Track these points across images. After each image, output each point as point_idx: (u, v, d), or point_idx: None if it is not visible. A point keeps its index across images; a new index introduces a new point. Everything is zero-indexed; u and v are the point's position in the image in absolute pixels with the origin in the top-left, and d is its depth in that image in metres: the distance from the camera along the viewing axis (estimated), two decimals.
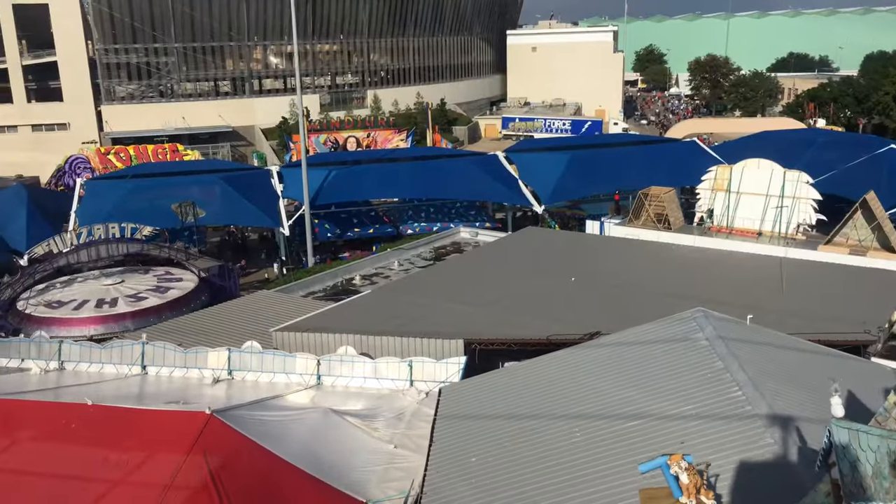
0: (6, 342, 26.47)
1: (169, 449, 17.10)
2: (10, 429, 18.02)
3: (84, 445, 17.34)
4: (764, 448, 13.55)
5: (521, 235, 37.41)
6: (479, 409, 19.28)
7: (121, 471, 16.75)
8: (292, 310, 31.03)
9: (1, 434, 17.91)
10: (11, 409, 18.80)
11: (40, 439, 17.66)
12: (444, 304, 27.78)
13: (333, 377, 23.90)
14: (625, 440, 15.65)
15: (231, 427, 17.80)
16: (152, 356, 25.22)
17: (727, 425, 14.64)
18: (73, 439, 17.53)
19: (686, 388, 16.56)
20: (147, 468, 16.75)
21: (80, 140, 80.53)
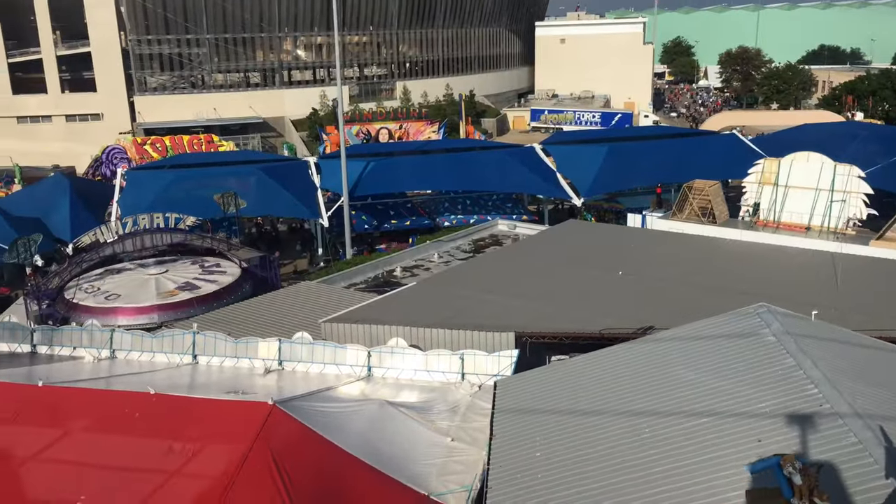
0: (59, 330, 26.70)
1: (233, 439, 17.11)
2: (73, 416, 18.11)
3: (148, 435, 17.38)
4: (848, 448, 13.25)
5: (563, 228, 37.12)
6: (538, 403, 19.09)
7: (186, 461, 16.78)
8: (336, 301, 31.06)
9: (65, 422, 18.02)
10: (75, 397, 18.90)
11: (104, 428, 17.72)
12: (491, 297, 27.61)
13: (384, 369, 23.85)
14: (696, 438, 15.39)
15: (293, 418, 17.81)
16: (203, 346, 25.31)
17: (806, 424, 14.34)
18: (137, 428, 17.58)
19: (757, 386, 16.25)
20: (212, 458, 16.76)
21: (114, 131, 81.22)
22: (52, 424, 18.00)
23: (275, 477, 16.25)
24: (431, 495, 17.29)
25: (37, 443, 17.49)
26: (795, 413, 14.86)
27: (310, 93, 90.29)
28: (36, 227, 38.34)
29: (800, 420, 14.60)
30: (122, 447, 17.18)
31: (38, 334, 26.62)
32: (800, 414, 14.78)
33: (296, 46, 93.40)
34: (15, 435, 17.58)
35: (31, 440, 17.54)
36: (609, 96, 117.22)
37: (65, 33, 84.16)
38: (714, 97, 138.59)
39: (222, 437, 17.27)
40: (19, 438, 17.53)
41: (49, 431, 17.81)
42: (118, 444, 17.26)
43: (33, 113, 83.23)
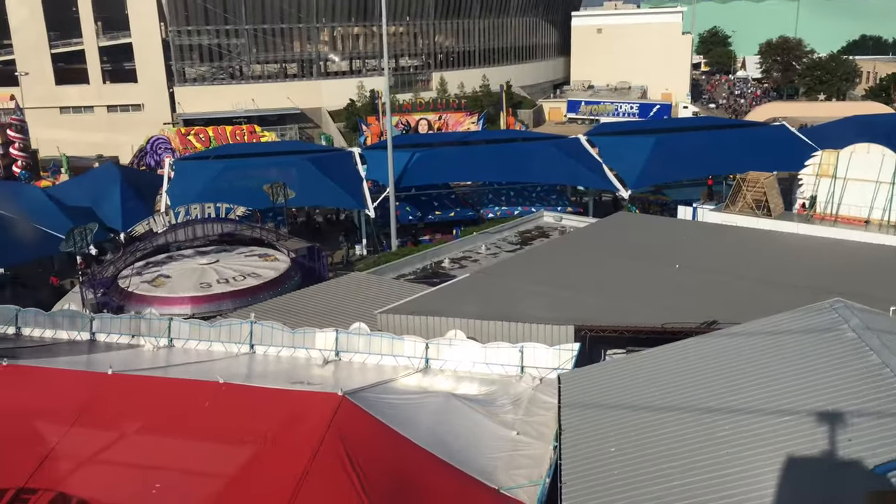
0: (117, 318, 26.92)
1: (304, 430, 17.09)
2: (144, 404, 18.21)
3: (219, 424, 17.42)
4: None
5: (613, 221, 36.68)
6: (606, 398, 18.82)
7: (257, 451, 16.78)
8: (387, 292, 31.00)
9: (136, 409, 18.12)
10: (144, 385, 19.02)
11: (175, 416, 17.78)
12: (546, 289, 27.34)
13: (441, 361, 23.71)
14: (779, 437, 15.03)
15: (363, 409, 17.74)
16: (260, 335, 25.38)
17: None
18: (208, 418, 17.64)
19: (840, 383, 15.82)
20: (283, 449, 16.74)
21: (154, 121, 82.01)
22: (124, 412, 18.12)
23: (348, 469, 16.18)
24: (501, 489, 17.12)
25: (110, 430, 17.62)
26: (885, 412, 14.44)
27: (347, 84, 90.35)
28: (87, 216, 38.74)
29: (891, 419, 14.19)
30: (193, 436, 17.24)
31: (97, 322, 26.88)
32: (890, 413, 14.36)
33: (333, 37, 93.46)
34: (89, 422, 17.72)
35: (104, 428, 17.68)
36: (646, 87, 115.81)
37: (106, 24, 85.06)
38: (752, 88, 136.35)
39: (293, 427, 17.25)
40: (93, 426, 17.66)
41: (121, 419, 17.93)
42: (190, 433, 17.32)
43: (76, 103, 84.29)
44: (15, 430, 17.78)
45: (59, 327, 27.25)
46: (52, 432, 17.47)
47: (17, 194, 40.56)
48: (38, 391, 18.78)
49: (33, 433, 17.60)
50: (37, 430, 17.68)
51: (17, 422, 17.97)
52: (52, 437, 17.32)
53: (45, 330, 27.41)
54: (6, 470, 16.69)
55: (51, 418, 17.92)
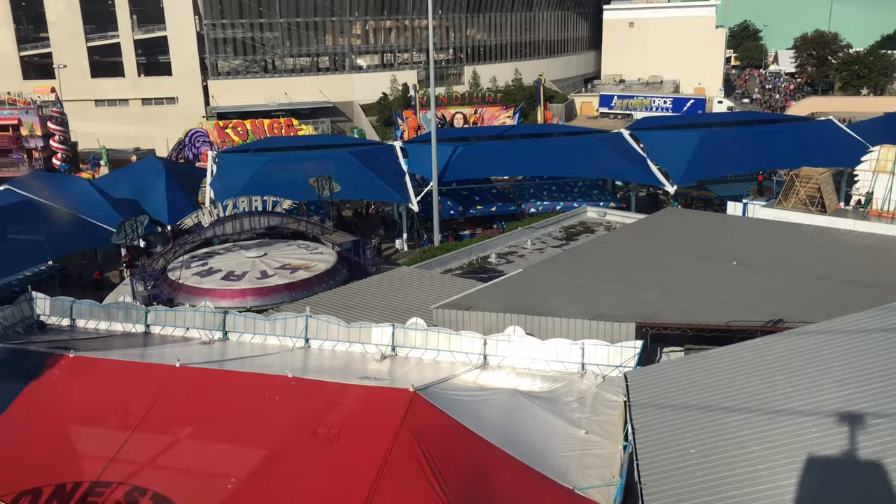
0: (172, 311, 26.92)
1: (377, 426, 16.89)
2: (215, 397, 18.12)
3: (291, 418, 17.27)
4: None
5: (662, 216, 36.17)
6: (679, 398, 18.43)
7: (330, 445, 16.61)
8: (438, 287, 30.76)
9: (208, 402, 18.02)
10: (212, 377, 18.92)
11: (247, 409, 17.66)
12: (602, 285, 26.94)
13: (500, 357, 23.43)
14: (874, 440, 14.62)
15: (435, 406, 17.51)
16: (315, 329, 25.25)
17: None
18: (280, 411, 17.50)
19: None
20: (357, 444, 16.56)
21: (188, 114, 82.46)
22: (195, 405, 18.02)
23: (424, 466, 15.98)
24: (576, 489, 16.83)
25: (182, 423, 17.54)
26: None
27: (379, 77, 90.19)
28: (133, 209, 38.89)
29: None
30: (265, 430, 17.10)
31: (152, 314, 26.91)
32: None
33: (366, 31, 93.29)
34: (160, 415, 17.65)
35: (176, 421, 17.59)
36: (678, 81, 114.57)
37: (141, 17, 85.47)
38: (784, 82, 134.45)
39: (365, 423, 17.07)
40: (165, 419, 17.59)
41: (192, 412, 17.84)
42: (262, 427, 17.18)
43: (110, 96, 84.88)
44: (86, 423, 17.78)
45: (114, 319, 27.32)
46: (124, 425, 17.42)
47: (65, 186, 40.78)
48: (107, 383, 18.76)
49: (105, 425, 17.57)
50: (108, 423, 17.64)
51: (89, 414, 17.96)
52: (124, 430, 17.27)
53: (99, 322, 27.50)
54: (80, 463, 16.69)
55: (122, 411, 17.88)
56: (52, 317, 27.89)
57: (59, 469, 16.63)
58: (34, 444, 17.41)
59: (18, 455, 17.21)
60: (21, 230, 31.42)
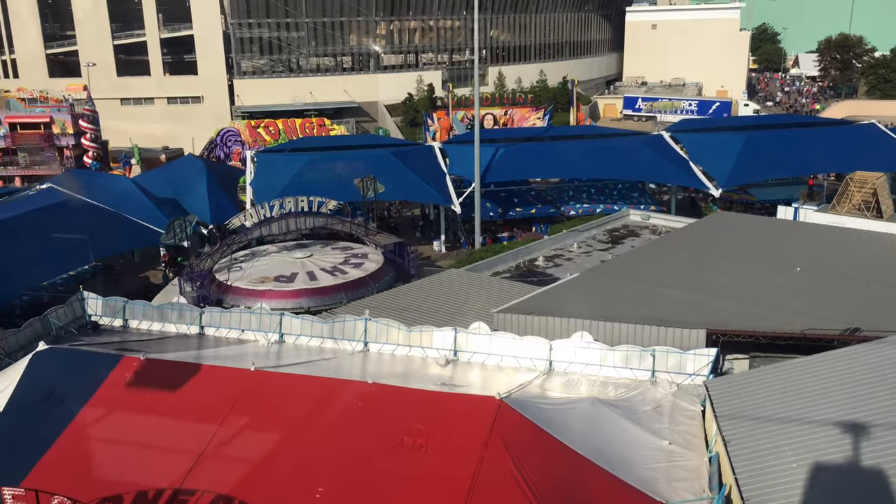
0: (227, 312, 26.51)
1: (465, 435, 16.42)
2: (294, 403, 17.65)
3: (375, 426, 16.80)
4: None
5: (714, 220, 35.65)
6: (769, 409, 17.83)
7: (419, 454, 16.14)
8: (491, 290, 30.28)
9: (288, 409, 17.55)
10: (289, 382, 18.44)
11: (329, 416, 17.20)
12: (664, 290, 26.41)
13: (566, 363, 22.92)
14: None
15: (522, 414, 17.03)
16: (375, 333, 24.80)
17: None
18: (363, 418, 17.02)
19: None
20: (446, 454, 16.08)
21: (213, 113, 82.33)
22: (275, 410, 17.57)
23: (517, 477, 15.52)
24: (668, 503, 16.31)
25: (263, 429, 17.10)
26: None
27: (403, 77, 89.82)
28: (174, 208, 38.54)
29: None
30: (351, 437, 16.63)
31: (206, 316, 26.52)
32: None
33: (391, 31, 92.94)
34: (240, 420, 17.21)
35: (256, 426, 17.16)
36: (701, 84, 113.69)
37: (167, 16, 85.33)
38: (806, 85, 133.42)
39: (452, 431, 16.58)
40: (245, 424, 17.15)
41: (273, 417, 17.39)
42: (346, 434, 16.72)
43: (136, 95, 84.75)
44: (165, 427, 17.37)
45: (168, 320, 26.97)
46: (204, 430, 16.99)
47: (107, 185, 40.41)
48: (182, 387, 18.32)
49: (184, 430, 17.15)
50: (187, 428, 17.22)
51: (166, 418, 17.55)
52: (205, 435, 16.85)
53: (152, 322, 27.15)
54: (162, 469, 16.27)
55: (200, 415, 17.46)
56: (104, 317, 27.57)
57: (140, 475, 16.22)
58: (112, 449, 17.03)
59: (96, 461, 16.83)
60: (66, 229, 31.09)
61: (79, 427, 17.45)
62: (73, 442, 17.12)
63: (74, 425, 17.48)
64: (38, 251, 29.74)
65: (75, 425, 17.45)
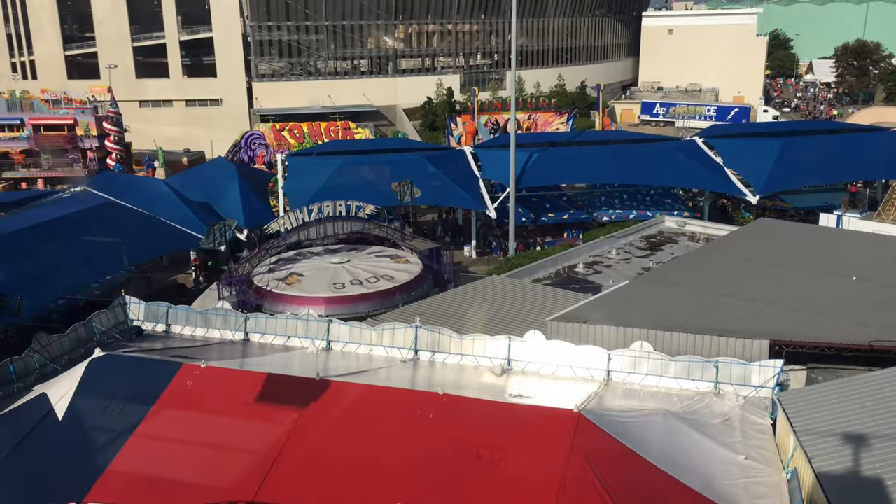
0: (273, 319, 26.02)
1: (544, 448, 15.91)
2: (365, 415, 17.15)
3: (450, 439, 16.27)
4: None
5: (757, 228, 35.05)
6: (851, 424, 17.29)
7: (499, 469, 15.62)
8: (537, 297, 29.82)
9: (358, 420, 17.03)
10: (359, 394, 17.90)
11: (402, 428, 16.66)
12: (718, 300, 25.86)
13: (624, 374, 22.39)
14: None
15: (601, 428, 16.50)
16: (426, 341, 24.30)
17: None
18: (437, 431, 16.48)
19: None
20: (527, 468, 15.57)
21: (232, 116, 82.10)
22: (344, 422, 17.06)
23: (602, 494, 14.97)
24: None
25: (333, 441, 16.59)
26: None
27: (421, 81, 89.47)
28: (208, 211, 38.08)
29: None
30: (424, 450, 16.10)
31: (252, 322, 26.03)
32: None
33: (409, 34, 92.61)
34: (309, 431, 16.70)
35: (326, 438, 16.65)
36: (717, 89, 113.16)
37: (186, 18, 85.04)
38: (820, 91, 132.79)
39: (530, 445, 16.08)
40: (314, 435, 16.64)
41: (343, 429, 16.87)
42: (420, 447, 16.19)
43: (154, 97, 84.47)
44: (233, 438, 16.87)
45: (212, 326, 26.47)
46: (273, 441, 16.49)
47: (141, 188, 39.92)
48: (246, 396, 17.81)
49: (253, 441, 16.64)
50: (255, 439, 16.71)
51: (233, 428, 17.05)
52: (275, 446, 16.34)
53: (195, 328, 26.65)
54: (233, 481, 15.77)
55: (268, 425, 16.95)
56: (146, 322, 27.08)
57: (210, 489, 15.70)
58: (178, 461, 16.51)
59: (162, 473, 16.30)
60: (104, 232, 30.61)
61: (142, 438, 16.96)
62: (136, 454, 16.63)
63: (137, 436, 16.99)
64: (77, 254, 29.28)
65: (138, 436, 16.96)
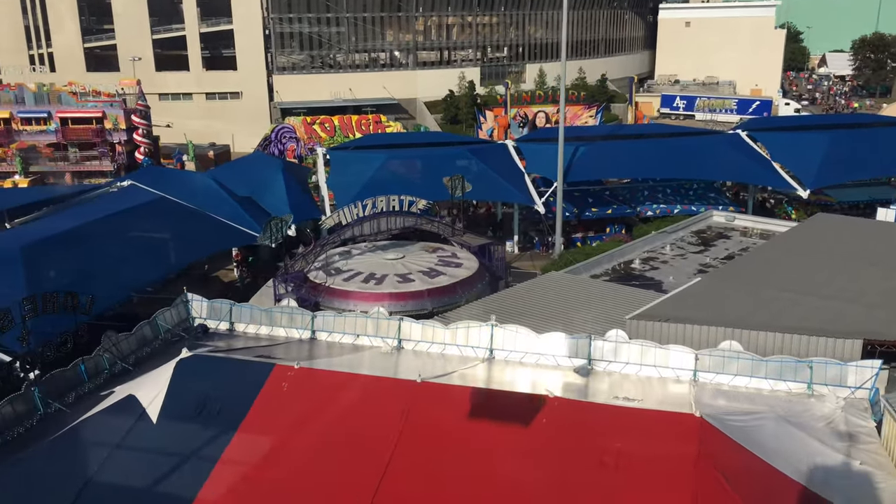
0: (342, 317, 25.42)
1: (670, 455, 15.32)
2: (474, 419, 16.54)
3: (569, 445, 15.69)
4: None
5: (816, 223, 34.39)
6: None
7: (625, 476, 15.04)
8: (600, 294, 29.26)
9: (467, 424, 16.44)
10: (465, 398, 17.28)
11: (515, 434, 16.07)
12: (798, 297, 25.20)
13: (712, 374, 21.79)
14: None
15: (725, 434, 15.91)
16: (502, 340, 23.71)
17: None
18: (553, 437, 15.90)
19: None
20: (655, 476, 14.98)
21: (252, 109, 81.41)
22: (454, 426, 16.46)
23: (736, 501, 14.38)
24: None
25: (447, 448, 15.98)
26: None
27: (442, 74, 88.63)
28: (254, 207, 37.40)
29: None
30: (543, 457, 15.52)
31: (319, 320, 25.43)
32: None
33: (430, 27, 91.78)
34: (419, 435, 16.10)
35: (438, 443, 16.05)
36: (734, 82, 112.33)
37: (205, 10, 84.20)
38: (835, 85, 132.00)
39: (654, 451, 15.50)
40: (425, 439, 16.04)
41: (455, 434, 16.27)
42: (539, 453, 15.61)
43: (174, 90, 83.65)
44: (341, 443, 16.27)
45: (277, 324, 25.88)
46: (382, 446, 15.91)
47: (188, 182, 39.11)
48: (348, 398, 17.24)
49: (361, 446, 16.07)
50: (364, 443, 16.13)
51: (340, 433, 16.45)
52: (384, 452, 15.76)
53: (259, 326, 26.06)
54: (348, 486, 15.17)
55: (374, 430, 16.38)
56: (209, 320, 26.48)
57: (323, 496, 15.11)
58: (286, 465, 15.90)
59: (268, 481, 15.69)
60: (161, 228, 29.92)
61: (244, 443, 16.36)
62: (240, 459, 16.03)
63: (239, 440, 16.41)
64: (136, 251, 28.62)
65: (241, 440, 16.38)
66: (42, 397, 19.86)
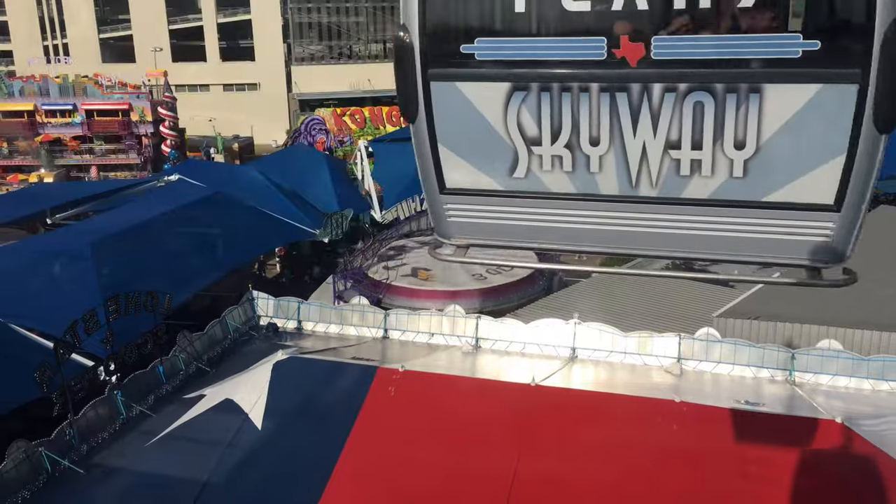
0: (415, 315, 24.79)
1: (813, 466, 14.62)
2: (598, 426, 15.84)
3: (704, 454, 14.98)
4: None
5: (879, 215, 33.57)
6: None
7: (774, 490, 14.31)
8: (672, 290, 28.57)
9: (590, 432, 15.74)
10: (580, 401, 16.64)
11: (644, 442, 15.37)
12: (877, 290, 24.46)
13: (810, 374, 21.16)
14: None
15: (869, 441, 15.21)
16: (585, 338, 23.07)
17: None
18: (686, 445, 15.20)
19: None
20: (803, 488, 14.27)
21: (270, 100, 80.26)
22: (576, 433, 15.76)
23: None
24: None
25: (575, 455, 15.28)
26: None
27: None
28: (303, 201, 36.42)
29: None
30: (680, 467, 14.80)
31: (392, 318, 24.77)
32: None
33: None
34: (546, 446, 15.39)
35: (568, 453, 15.33)
36: None
37: (221, 0, 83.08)
38: None
39: (798, 460, 14.77)
40: (553, 451, 15.33)
41: (577, 443, 15.56)
42: (674, 463, 14.90)
43: (191, 81, 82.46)
44: (461, 450, 15.55)
45: (347, 322, 25.23)
46: (503, 453, 15.20)
47: (235, 176, 38.03)
48: (460, 403, 16.51)
49: (482, 453, 15.35)
50: (485, 450, 15.43)
51: (459, 440, 15.73)
52: (508, 459, 15.05)
53: (329, 325, 25.41)
54: (478, 494, 14.44)
55: (492, 436, 15.66)
56: (276, 318, 25.79)
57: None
58: (406, 473, 15.17)
59: (389, 490, 14.97)
60: (219, 225, 29.04)
61: (357, 450, 15.65)
62: (355, 468, 15.31)
63: (351, 448, 15.67)
64: (199, 248, 27.76)
65: (354, 446, 15.65)
66: (125, 401, 19.22)
